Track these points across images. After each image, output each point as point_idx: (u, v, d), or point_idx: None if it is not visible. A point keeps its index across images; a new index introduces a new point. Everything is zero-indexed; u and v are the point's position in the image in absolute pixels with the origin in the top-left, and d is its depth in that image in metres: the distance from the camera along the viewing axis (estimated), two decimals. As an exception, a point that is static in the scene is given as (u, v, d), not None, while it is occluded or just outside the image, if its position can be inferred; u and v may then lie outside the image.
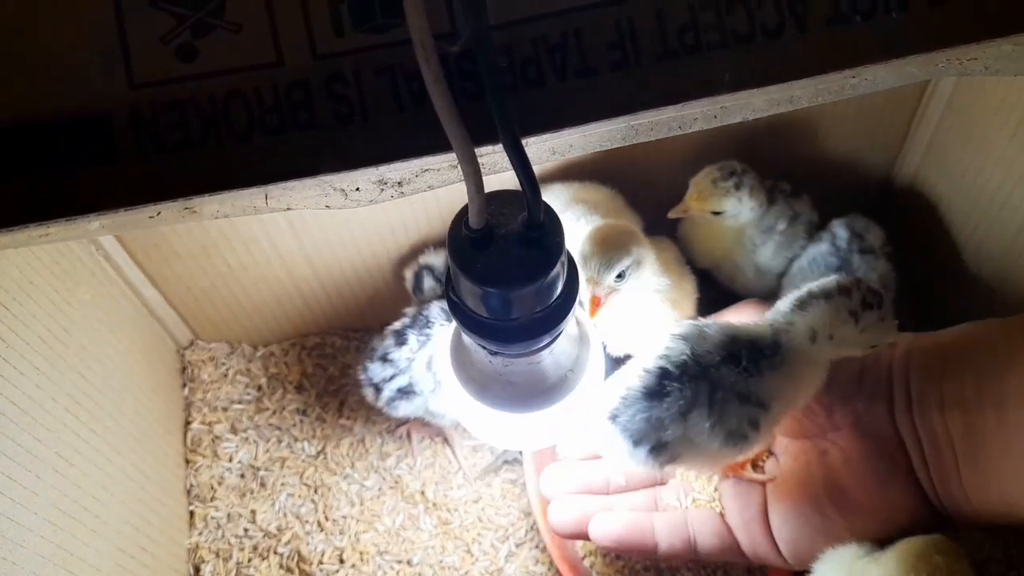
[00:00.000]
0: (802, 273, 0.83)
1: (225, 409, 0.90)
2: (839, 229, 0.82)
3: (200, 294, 0.84)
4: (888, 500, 0.64)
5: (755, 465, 0.72)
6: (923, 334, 0.66)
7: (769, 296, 0.83)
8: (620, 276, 0.70)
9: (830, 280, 0.63)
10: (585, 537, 0.73)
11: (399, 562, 0.83)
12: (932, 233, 0.85)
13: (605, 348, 0.75)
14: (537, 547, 0.83)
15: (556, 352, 0.52)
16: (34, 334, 0.65)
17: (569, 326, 0.52)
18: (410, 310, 0.79)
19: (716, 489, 0.73)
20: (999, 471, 0.59)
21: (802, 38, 0.43)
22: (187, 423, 0.90)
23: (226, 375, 0.92)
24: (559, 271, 0.46)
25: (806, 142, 0.83)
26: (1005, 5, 0.44)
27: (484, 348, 0.50)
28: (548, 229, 0.45)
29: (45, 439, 0.64)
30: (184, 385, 0.91)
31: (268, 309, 0.87)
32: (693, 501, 0.74)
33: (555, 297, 0.47)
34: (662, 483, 0.75)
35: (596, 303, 0.71)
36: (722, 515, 0.72)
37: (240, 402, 0.91)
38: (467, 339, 0.51)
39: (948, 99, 0.78)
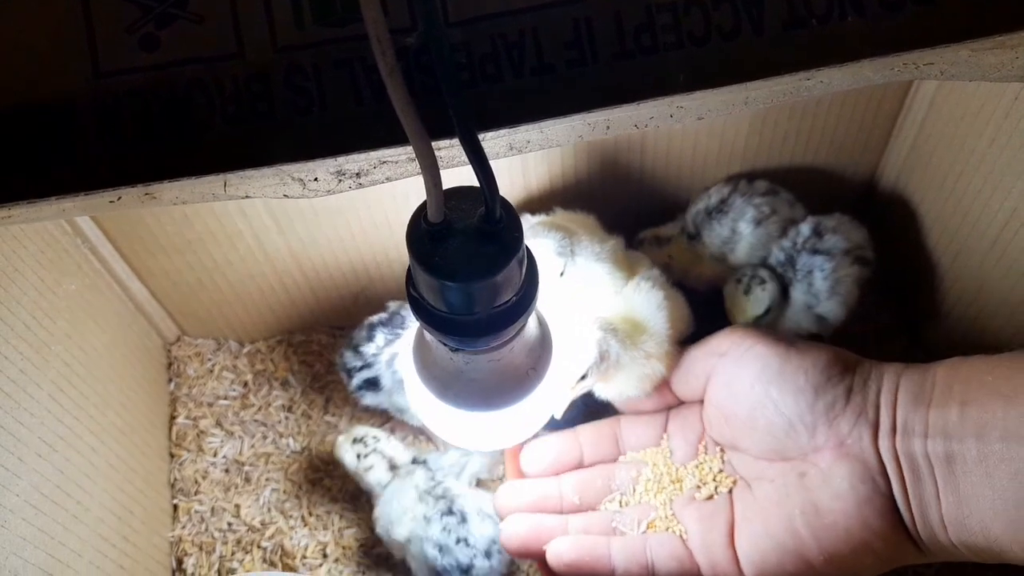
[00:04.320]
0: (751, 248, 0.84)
1: (211, 404, 0.91)
2: (804, 226, 0.82)
3: (186, 289, 0.85)
4: (865, 522, 0.64)
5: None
6: (914, 364, 0.66)
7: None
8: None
9: None
10: (535, 556, 0.73)
11: (382, 557, 0.84)
12: (913, 235, 0.85)
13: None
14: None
15: (517, 350, 0.53)
16: (19, 320, 0.66)
17: (530, 325, 0.52)
18: (394, 304, 0.81)
19: (673, 513, 0.73)
20: (979, 503, 0.58)
21: (758, 40, 0.44)
22: (172, 417, 0.91)
23: (212, 371, 0.93)
24: (517, 267, 0.46)
25: (788, 143, 0.83)
26: (962, 11, 0.45)
27: (444, 344, 0.51)
28: (506, 224, 0.45)
29: (28, 423, 0.65)
30: (170, 380, 0.92)
31: (254, 305, 0.88)
32: (650, 524, 0.73)
33: (514, 293, 0.48)
34: (616, 500, 0.75)
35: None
36: (682, 538, 0.71)
37: (226, 398, 0.91)
38: (428, 336, 0.52)
39: (930, 102, 0.78)
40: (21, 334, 0.66)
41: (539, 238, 0.72)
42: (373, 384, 0.79)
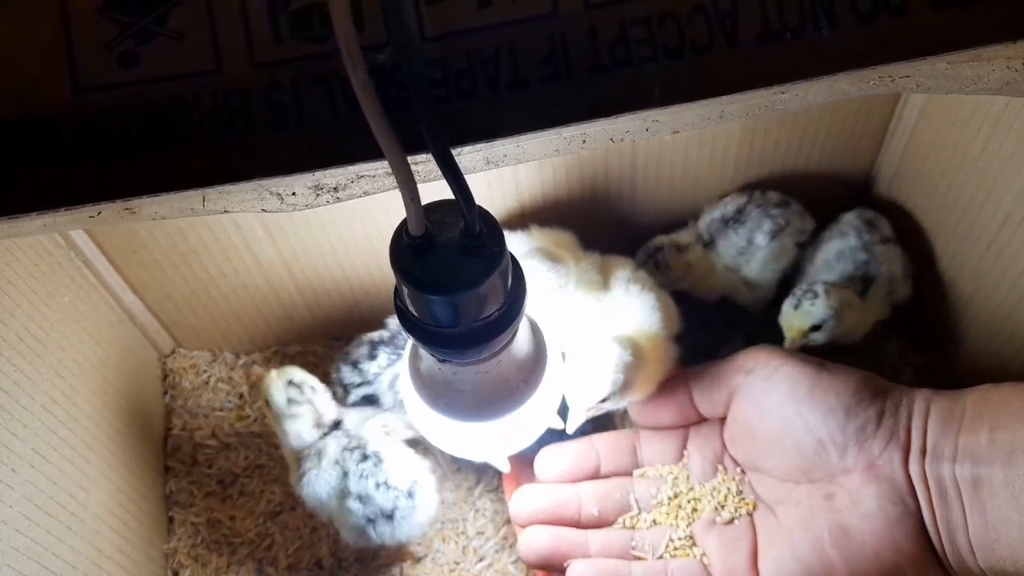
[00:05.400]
0: (827, 266, 0.84)
1: (206, 416, 0.92)
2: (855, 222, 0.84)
3: (181, 301, 0.85)
4: (895, 544, 0.64)
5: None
6: (945, 391, 0.66)
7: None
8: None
9: None
10: (554, 569, 0.73)
11: (378, 568, 0.84)
12: (908, 241, 0.85)
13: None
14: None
15: (506, 363, 0.53)
16: (11, 332, 0.67)
17: (521, 339, 0.53)
18: (395, 322, 0.80)
19: (691, 536, 0.73)
20: (1007, 527, 0.58)
21: (732, 54, 0.44)
22: (168, 429, 0.91)
23: (207, 383, 0.93)
24: (499, 280, 0.47)
25: (779, 151, 0.83)
26: (937, 24, 0.45)
27: (432, 355, 0.51)
28: (487, 238, 0.46)
29: (22, 435, 0.66)
30: (165, 392, 0.93)
31: (249, 318, 0.88)
32: (667, 546, 0.73)
33: (498, 307, 0.48)
34: (635, 517, 0.75)
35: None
36: (703, 562, 0.71)
37: (221, 409, 0.92)
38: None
39: (921, 109, 0.79)
40: (14, 345, 0.67)
41: (539, 269, 0.73)
42: (371, 402, 0.79)
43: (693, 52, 0.44)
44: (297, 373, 0.78)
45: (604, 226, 0.82)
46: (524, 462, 0.80)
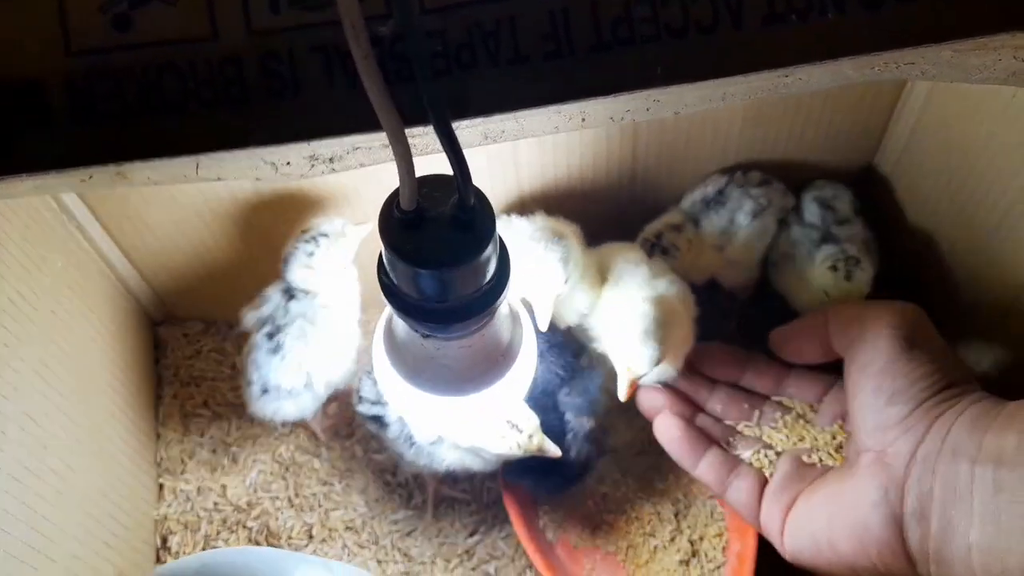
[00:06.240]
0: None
1: (198, 385, 0.91)
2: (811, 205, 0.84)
3: (175, 269, 0.85)
4: (866, 529, 0.64)
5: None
6: (993, 397, 0.64)
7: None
8: None
9: None
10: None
11: (368, 539, 0.84)
12: (908, 230, 0.85)
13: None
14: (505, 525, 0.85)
15: (488, 336, 0.53)
16: (3, 295, 0.66)
17: (501, 309, 0.52)
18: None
19: (777, 454, 0.75)
20: (1021, 536, 0.56)
21: (736, 35, 0.44)
22: (159, 397, 0.91)
23: (200, 352, 0.93)
24: (490, 254, 0.46)
25: (782, 136, 0.83)
26: (945, 11, 0.45)
27: (416, 331, 0.51)
28: (479, 212, 0.45)
29: (12, 397, 0.66)
30: (157, 360, 0.93)
31: (243, 287, 0.88)
32: (755, 453, 0.76)
33: (486, 280, 0.48)
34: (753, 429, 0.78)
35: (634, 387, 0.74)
36: (767, 480, 0.74)
37: (213, 378, 0.92)
38: (399, 322, 0.52)
39: (926, 98, 0.78)
40: (5, 308, 0.66)
41: (544, 248, 0.74)
42: (378, 422, 0.79)
43: (697, 32, 0.43)
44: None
45: (604, 208, 0.81)
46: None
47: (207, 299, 0.90)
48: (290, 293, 0.80)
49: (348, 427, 0.90)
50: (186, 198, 0.75)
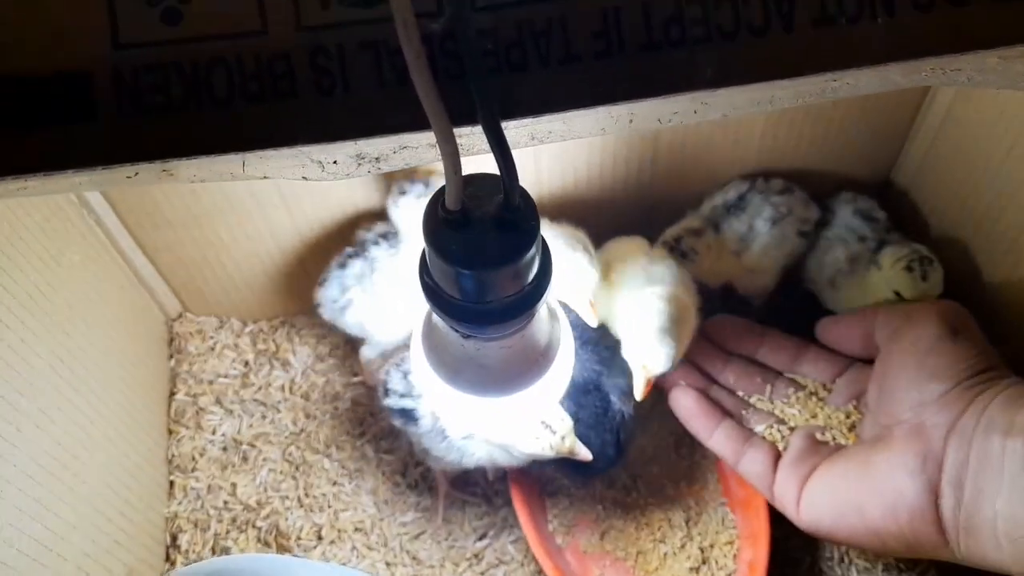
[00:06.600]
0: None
1: (211, 382, 0.91)
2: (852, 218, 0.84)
3: (191, 265, 0.84)
4: (900, 495, 0.66)
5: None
6: (1021, 382, 0.66)
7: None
8: None
9: None
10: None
11: (377, 541, 0.84)
12: (929, 241, 0.85)
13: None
14: (514, 529, 0.84)
15: (528, 336, 0.52)
16: (20, 288, 0.65)
17: (540, 310, 0.52)
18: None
19: (791, 430, 0.76)
20: None
21: (787, 38, 0.43)
22: (172, 394, 0.90)
23: (213, 348, 0.92)
24: (535, 254, 0.46)
25: (803, 144, 0.83)
26: (995, 16, 0.44)
27: (456, 331, 0.50)
28: (524, 212, 0.45)
29: (28, 393, 0.65)
30: (171, 356, 0.92)
31: (259, 285, 0.87)
32: (768, 427, 0.77)
33: (529, 281, 0.47)
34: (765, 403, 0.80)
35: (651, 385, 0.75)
36: (780, 453, 0.75)
37: (226, 376, 0.91)
38: (439, 323, 0.51)
39: (947, 109, 0.78)
40: (23, 303, 0.66)
41: (572, 251, 0.74)
42: (406, 416, 0.78)
43: (749, 34, 0.43)
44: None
45: (624, 211, 0.81)
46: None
47: (222, 296, 0.90)
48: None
49: (360, 426, 0.89)
50: (206, 194, 0.75)
